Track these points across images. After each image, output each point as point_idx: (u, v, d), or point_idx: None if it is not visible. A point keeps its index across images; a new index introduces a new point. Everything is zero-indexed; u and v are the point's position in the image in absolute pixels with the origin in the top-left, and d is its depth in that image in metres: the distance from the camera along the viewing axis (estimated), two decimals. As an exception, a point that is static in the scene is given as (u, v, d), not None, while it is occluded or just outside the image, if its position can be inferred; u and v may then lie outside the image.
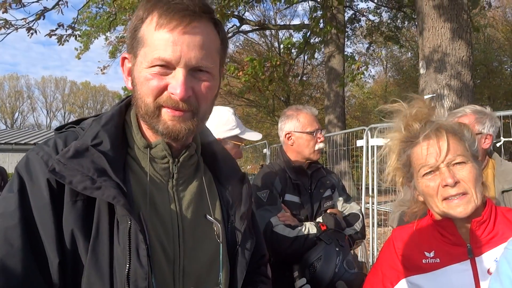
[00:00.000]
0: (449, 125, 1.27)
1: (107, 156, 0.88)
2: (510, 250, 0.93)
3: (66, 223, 0.83)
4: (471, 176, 1.21)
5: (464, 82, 5.76)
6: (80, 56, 12.43)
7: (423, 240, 1.33)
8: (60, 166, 0.83)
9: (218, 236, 0.99)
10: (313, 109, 2.30)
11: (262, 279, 1.16)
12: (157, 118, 0.89)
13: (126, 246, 0.82)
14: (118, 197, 0.82)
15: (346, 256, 1.77)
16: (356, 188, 8.49)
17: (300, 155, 2.21)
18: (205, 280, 0.95)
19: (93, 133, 0.91)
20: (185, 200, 0.98)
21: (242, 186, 1.09)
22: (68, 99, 48.78)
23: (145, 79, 0.88)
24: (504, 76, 23.53)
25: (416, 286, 1.30)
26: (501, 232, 1.23)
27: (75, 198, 0.84)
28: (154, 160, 0.96)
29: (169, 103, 0.88)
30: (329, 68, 13.28)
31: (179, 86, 0.85)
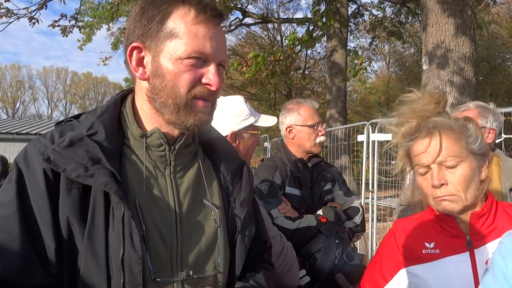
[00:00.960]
0: (445, 124, 1.25)
1: (102, 145, 0.90)
2: (504, 244, 0.95)
3: (62, 210, 0.86)
4: (461, 179, 1.23)
5: (467, 79, 5.75)
6: (83, 47, 12.41)
7: (423, 232, 1.35)
8: (55, 155, 0.86)
9: (216, 220, 1.01)
10: (314, 103, 2.30)
11: (264, 265, 1.17)
12: (189, 110, 0.94)
13: (120, 232, 0.85)
14: (110, 184, 0.85)
15: (346, 248, 1.79)
16: (356, 183, 8.52)
17: (301, 148, 2.22)
18: (203, 265, 0.98)
19: (88, 124, 0.94)
20: (183, 187, 1.00)
21: (242, 174, 1.11)
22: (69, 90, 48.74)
23: (180, 70, 0.92)
24: (507, 73, 23.44)
25: (415, 276, 1.33)
26: (501, 226, 1.26)
27: (70, 186, 0.87)
28: (150, 148, 0.98)
29: (203, 94, 0.94)
30: (331, 63, 13.24)
31: (215, 77, 0.93)
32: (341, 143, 8.20)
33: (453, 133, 1.25)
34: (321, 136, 2.21)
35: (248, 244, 1.06)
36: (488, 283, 0.96)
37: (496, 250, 0.97)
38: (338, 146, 8.18)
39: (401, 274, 1.36)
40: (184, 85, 0.92)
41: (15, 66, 47.54)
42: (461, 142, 1.24)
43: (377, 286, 1.41)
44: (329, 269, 1.74)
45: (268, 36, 23.71)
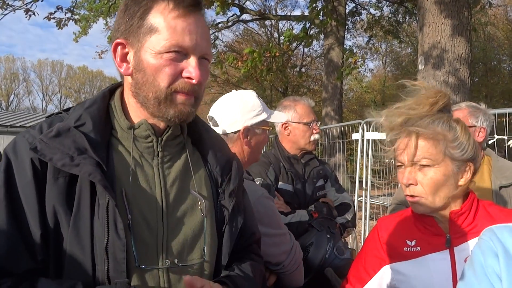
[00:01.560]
0: (424, 128, 1.26)
1: (88, 136, 0.93)
2: (483, 240, 0.96)
3: (48, 198, 0.89)
4: (430, 182, 1.25)
5: (462, 80, 5.79)
6: (78, 39, 12.33)
7: (405, 230, 1.38)
8: (42, 145, 0.89)
9: (202, 210, 1.03)
10: (310, 101, 2.33)
11: (251, 256, 1.18)
12: (169, 103, 0.95)
13: (105, 220, 0.88)
14: (95, 173, 0.87)
15: (337, 243, 1.82)
16: (350, 181, 8.56)
17: (296, 145, 2.24)
18: (189, 254, 1.00)
19: (76, 115, 0.96)
20: (170, 177, 1.02)
21: (231, 166, 1.13)
22: (64, 83, 48.44)
23: (160, 65, 0.93)
24: (502, 75, 23.59)
25: (397, 272, 1.36)
26: (480, 224, 1.27)
27: (57, 175, 0.90)
28: (137, 140, 1.00)
29: (184, 88, 0.94)
30: (328, 60, 13.26)
31: (195, 71, 0.93)
32: (336, 141, 8.23)
33: (432, 136, 1.25)
34: (316, 134, 2.25)
35: (236, 235, 1.08)
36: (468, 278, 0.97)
37: (476, 245, 0.99)
38: (333, 144, 8.21)
39: (384, 271, 1.39)
40: (164, 79, 0.93)
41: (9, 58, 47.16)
42: (439, 146, 1.25)
43: (361, 281, 1.44)
44: (320, 263, 1.77)
45: (265, 33, 23.69)
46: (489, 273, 0.91)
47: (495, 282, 0.89)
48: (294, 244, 1.63)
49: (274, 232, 1.54)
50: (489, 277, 0.91)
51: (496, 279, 0.90)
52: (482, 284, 0.92)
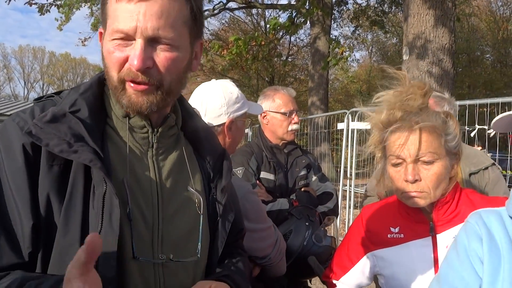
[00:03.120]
0: (428, 121, 1.24)
1: (85, 123, 0.88)
2: (469, 223, 0.98)
3: (42, 187, 0.84)
4: (434, 177, 1.24)
5: (445, 70, 5.85)
6: (62, 27, 12.04)
7: (389, 217, 1.39)
8: (36, 129, 0.83)
9: (199, 207, 1.00)
10: (291, 90, 2.32)
11: (239, 252, 1.18)
12: (122, 92, 0.89)
13: (100, 210, 0.83)
14: (95, 160, 0.83)
15: (315, 230, 1.83)
16: (336, 170, 8.64)
17: (274, 135, 2.25)
18: (183, 249, 0.97)
19: (71, 100, 0.91)
20: (164, 170, 0.98)
21: (223, 161, 1.10)
22: (47, 71, 47.34)
23: (108, 52, 0.88)
24: (484, 65, 23.97)
25: (380, 258, 1.38)
26: (463, 212, 1.30)
27: (51, 163, 0.85)
28: (133, 129, 0.96)
29: (129, 76, 0.87)
30: (314, 50, 13.25)
31: (136, 57, 0.84)
32: (322, 131, 8.27)
33: (434, 130, 1.24)
34: (294, 124, 2.23)
35: (228, 231, 1.06)
36: (451, 259, 0.99)
37: (461, 228, 1.00)
38: (319, 133, 8.25)
39: (367, 257, 1.41)
40: (112, 66, 0.88)
41: (-11, 44, 45.78)
42: (440, 140, 1.25)
43: (344, 269, 1.47)
44: (298, 250, 1.79)
45: (251, 22, 23.51)
46: (471, 256, 0.92)
47: (477, 265, 0.91)
48: (278, 236, 1.63)
49: (261, 227, 1.54)
50: (471, 260, 0.92)
51: (478, 262, 0.91)
52: (463, 266, 0.94)
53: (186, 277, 0.97)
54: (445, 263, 1.02)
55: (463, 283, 0.92)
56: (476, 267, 0.92)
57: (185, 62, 0.94)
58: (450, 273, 0.97)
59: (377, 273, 1.42)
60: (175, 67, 0.90)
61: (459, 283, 0.93)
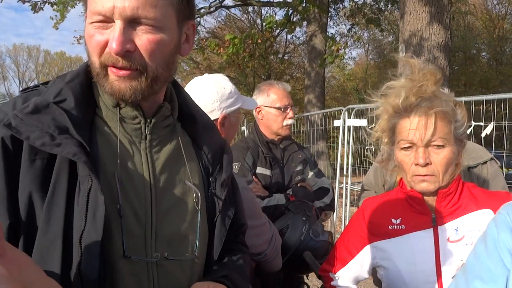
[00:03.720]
0: (441, 107, 1.27)
1: (70, 114, 0.82)
2: (501, 214, 0.96)
3: (23, 184, 0.78)
4: (444, 161, 1.26)
5: (441, 67, 5.85)
6: (58, 26, 11.96)
7: (391, 208, 1.39)
8: (16, 121, 0.78)
9: (197, 203, 0.94)
10: (286, 85, 2.31)
11: (240, 247, 1.13)
12: (104, 78, 0.84)
13: (84, 207, 0.78)
14: (80, 154, 0.78)
15: (312, 225, 1.83)
16: (332, 168, 8.64)
17: (269, 130, 2.24)
18: (179, 246, 0.92)
19: (56, 89, 0.85)
20: (159, 163, 0.93)
21: (223, 153, 1.05)
22: (42, 69, 47.07)
23: (89, 36, 0.82)
24: (480, 63, 24.06)
25: (380, 250, 1.38)
26: (464, 205, 1.32)
27: (33, 157, 0.79)
28: (124, 120, 0.90)
29: (109, 61, 0.81)
30: (310, 47, 13.24)
31: (114, 39, 0.78)
32: (318, 128, 8.27)
33: (446, 116, 1.27)
34: (289, 119, 2.22)
35: (227, 227, 1.01)
36: (479, 250, 0.98)
37: (492, 219, 0.99)
38: (315, 131, 8.25)
39: (367, 249, 1.41)
40: (93, 51, 0.82)
41: (-17, 42, 45.52)
42: (450, 126, 1.27)
43: (343, 261, 1.46)
44: (295, 245, 1.78)
45: (248, 20, 23.46)
46: (500, 248, 0.91)
47: (505, 257, 0.90)
48: (273, 232, 1.62)
49: (256, 224, 1.53)
50: (499, 251, 0.91)
51: (506, 253, 0.90)
52: (491, 257, 0.92)
53: (183, 276, 0.92)
54: (472, 254, 1.00)
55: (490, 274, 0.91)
56: (504, 258, 0.90)
57: (172, 45, 0.87)
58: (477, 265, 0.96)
59: (376, 265, 1.41)
60: (159, 50, 0.84)
61: (485, 274, 0.92)
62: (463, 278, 0.99)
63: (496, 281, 0.89)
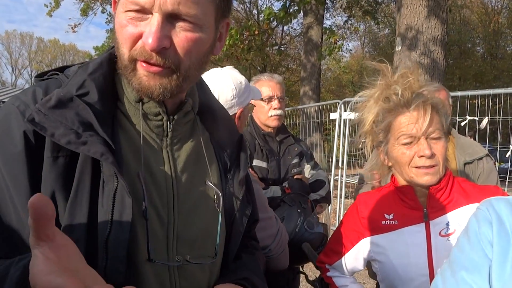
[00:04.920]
0: (435, 101, 1.32)
1: (94, 108, 0.77)
2: (480, 210, 1.02)
3: (45, 182, 0.73)
4: (443, 151, 1.30)
5: (436, 61, 5.88)
6: (52, 13, 11.82)
7: (384, 204, 1.42)
8: (40, 116, 0.72)
9: (218, 204, 0.91)
10: (275, 75, 2.31)
11: (253, 244, 1.11)
12: (132, 72, 0.78)
13: (109, 209, 0.73)
14: (107, 154, 0.73)
15: (307, 217, 1.85)
16: (327, 160, 8.68)
17: (259, 122, 2.27)
18: (200, 248, 0.88)
19: (78, 81, 0.80)
20: (180, 161, 0.89)
21: (241, 149, 1.01)
22: (35, 57, 46.51)
23: (121, 25, 0.76)
24: (475, 58, 24.13)
25: (374, 244, 1.41)
26: (455, 199, 1.34)
27: (56, 154, 0.74)
28: (147, 116, 0.85)
29: (142, 56, 0.75)
30: (307, 39, 13.20)
31: (151, 34, 0.72)
32: (314, 121, 8.28)
33: (438, 109, 1.32)
34: (273, 110, 2.21)
35: (245, 226, 0.98)
36: (462, 243, 1.04)
37: (472, 214, 1.04)
38: (311, 123, 8.26)
39: (362, 243, 1.44)
40: (124, 43, 0.77)
41: (-25, 29, 44.87)
42: (442, 118, 1.32)
43: (338, 254, 1.49)
44: (290, 236, 1.80)
45: (244, 10, 23.30)
46: (482, 240, 0.97)
47: (487, 248, 0.96)
48: (280, 228, 1.60)
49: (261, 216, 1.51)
50: (481, 244, 0.97)
51: (488, 245, 0.96)
52: (474, 249, 0.98)
53: (202, 277, 0.90)
54: (456, 248, 1.06)
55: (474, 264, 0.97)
56: (486, 249, 0.96)
57: (208, 45, 0.82)
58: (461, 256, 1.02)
59: (371, 258, 1.44)
60: (196, 49, 0.79)
61: (470, 265, 0.98)
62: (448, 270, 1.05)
63: (480, 270, 0.95)
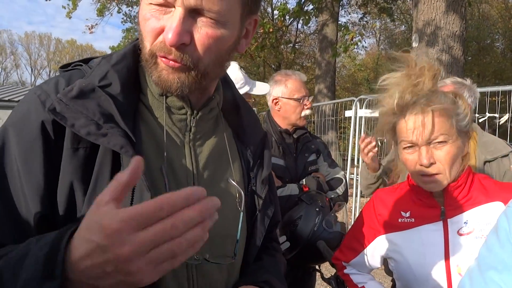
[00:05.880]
0: (438, 103, 1.23)
1: (116, 100, 0.77)
2: (510, 207, 0.97)
3: (64, 173, 0.73)
4: (448, 157, 1.23)
5: (455, 57, 5.77)
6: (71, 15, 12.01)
7: (401, 201, 1.39)
8: (61, 106, 0.72)
9: (240, 203, 0.89)
10: (302, 75, 2.30)
11: (274, 246, 1.09)
12: (153, 66, 0.77)
13: (127, 204, 0.71)
14: (127, 147, 0.72)
15: (326, 216, 1.83)
16: (342, 158, 8.62)
17: (287, 121, 2.23)
18: (219, 247, 0.87)
19: (101, 72, 0.79)
20: (202, 157, 0.87)
21: (264, 147, 0.99)
22: (53, 57, 47.38)
23: (144, 18, 0.75)
24: (495, 54, 23.59)
25: (390, 242, 1.38)
26: (475, 197, 1.29)
27: (76, 146, 0.73)
28: (170, 110, 0.85)
29: (161, 51, 0.74)
30: (322, 37, 13.10)
31: (171, 29, 0.71)
32: (329, 119, 8.23)
33: (445, 111, 1.24)
34: (307, 110, 2.22)
35: (266, 226, 0.96)
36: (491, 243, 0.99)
37: (502, 212, 0.99)
38: (326, 121, 8.21)
39: (378, 241, 1.41)
40: (146, 36, 0.76)
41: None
42: (450, 120, 1.24)
43: (354, 251, 1.47)
44: (308, 235, 1.78)
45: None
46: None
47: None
48: None
49: None
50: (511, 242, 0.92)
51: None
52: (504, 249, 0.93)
53: (220, 277, 0.89)
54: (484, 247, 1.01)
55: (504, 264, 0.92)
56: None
57: (230, 42, 0.80)
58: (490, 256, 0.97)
59: (387, 256, 1.42)
60: (216, 47, 0.76)
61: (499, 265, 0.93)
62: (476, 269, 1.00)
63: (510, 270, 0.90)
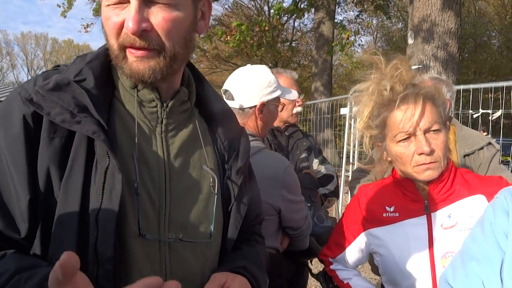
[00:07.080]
0: (428, 91, 1.25)
1: (90, 93, 0.83)
2: (498, 199, 0.98)
3: (41, 160, 0.79)
4: (442, 146, 1.24)
5: (451, 54, 5.78)
6: (66, 14, 12.00)
7: (385, 196, 1.40)
8: (38, 97, 0.79)
9: (213, 187, 0.95)
10: (293, 73, 2.33)
11: (256, 238, 1.13)
12: (123, 60, 0.84)
13: (100, 186, 0.79)
14: (98, 132, 0.79)
15: (317, 211, 1.86)
16: (339, 156, 8.64)
17: (279, 118, 2.24)
18: (194, 231, 0.91)
19: (76, 69, 0.86)
20: (174, 147, 0.93)
21: (240, 141, 1.05)
22: (50, 57, 47.26)
23: (105, 18, 0.82)
24: (491, 51, 23.66)
25: (375, 237, 1.39)
26: (457, 191, 1.31)
27: (52, 135, 0.80)
28: (141, 103, 0.91)
29: (127, 41, 0.81)
30: (318, 34, 13.12)
31: (130, 19, 0.78)
32: (325, 116, 8.24)
33: (434, 100, 1.25)
34: (298, 107, 2.26)
35: (243, 214, 1.00)
36: (475, 233, 1.00)
37: (489, 204, 1.00)
38: (322, 119, 8.22)
39: (363, 236, 1.43)
40: (110, 33, 0.82)
41: (-9, 30, 45.78)
42: (439, 109, 1.26)
43: (340, 247, 1.49)
44: None
45: (255, 6, 23.25)
46: (496, 230, 0.93)
47: (501, 239, 0.91)
48: (307, 212, 1.74)
49: (298, 199, 1.65)
50: (495, 234, 0.93)
51: (502, 236, 0.91)
52: (487, 240, 0.94)
53: (195, 261, 0.92)
54: (469, 238, 1.02)
55: (486, 255, 0.93)
56: (500, 241, 0.92)
57: (187, 23, 0.86)
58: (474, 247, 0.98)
59: (372, 251, 1.43)
60: (175, 28, 0.83)
61: (481, 256, 0.94)
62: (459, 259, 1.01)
63: (492, 262, 0.91)
